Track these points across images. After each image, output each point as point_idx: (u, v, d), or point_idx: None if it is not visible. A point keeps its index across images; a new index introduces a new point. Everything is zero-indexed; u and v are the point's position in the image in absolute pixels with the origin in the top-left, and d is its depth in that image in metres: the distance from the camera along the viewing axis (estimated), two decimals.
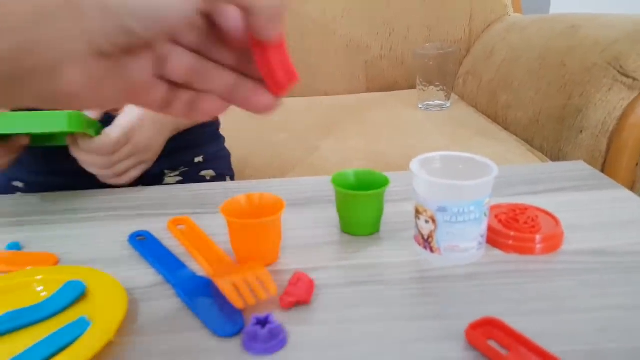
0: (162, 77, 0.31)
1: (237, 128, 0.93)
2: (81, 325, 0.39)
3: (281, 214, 0.46)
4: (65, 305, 0.43)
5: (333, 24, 1.53)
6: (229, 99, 0.33)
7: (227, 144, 0.93)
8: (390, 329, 0.39)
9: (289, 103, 1.49)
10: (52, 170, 0.74)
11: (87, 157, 0.60)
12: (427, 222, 0.45)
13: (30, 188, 0.76)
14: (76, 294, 0.43)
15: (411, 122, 1.25)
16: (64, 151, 0.63)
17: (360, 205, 0.50)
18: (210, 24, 0.31)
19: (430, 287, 0.43)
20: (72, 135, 0.59)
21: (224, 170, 0.89)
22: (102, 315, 0.40)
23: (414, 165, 0.45)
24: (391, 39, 1.52)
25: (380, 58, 1.54)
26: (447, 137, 1.09)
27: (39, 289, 0.45)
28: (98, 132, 0.59)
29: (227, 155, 0.92)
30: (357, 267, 0.47)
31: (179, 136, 0.71)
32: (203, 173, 0.85)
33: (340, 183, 0.51)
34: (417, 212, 0.46)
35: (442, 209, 0.43)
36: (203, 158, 0.84)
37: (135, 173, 0.65)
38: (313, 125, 1.28)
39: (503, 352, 0.35)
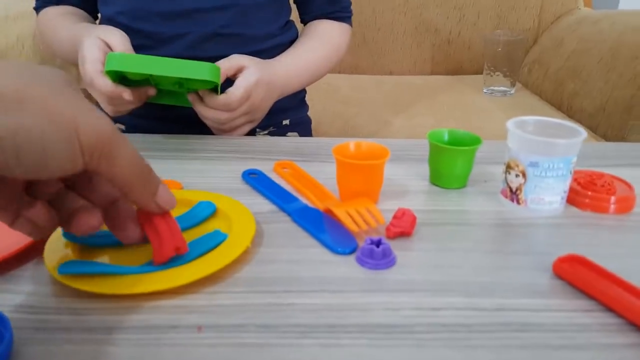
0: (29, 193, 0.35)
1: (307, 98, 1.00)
2: (217, 237, 0.47)
3: (386, 160, 0.53)
4: (199, 221, 0.50)
5: (404, 5, 1.57)
6: (59, 216, 0.37)
7: None
8: (484, 258, 0.45)
9: (356, 79, 1.55)
10: (156, 116, 0.83)
11: (210, 113, 0.68)
12: (517, 176, 0.51)
13: (131, 131, 0.84)
14: (209, 212, 0.51)
15: (477, 105, 1.29)
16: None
17: (453, 159, 0.56)
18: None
19: (516, 231, 0.49)
20: (195, 92, 0.68)
21: (305, 134, 0.97)
22: (235, 229, 0.48)
23: (511, 124, 0.51)
24: (460, 24, 1.56)
25: (448, 42, 1.58)
26: None
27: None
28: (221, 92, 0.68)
29: (309, 121, 0.99)
30: (448, 212, 0.53)
31: None
32: (289, 134, 0.92)
33: (434, 139, 0.58)
34: (508, 167, 0.52)
35: (534, 164, 0.49)
36: (289, 121, 0.92)
37: (246, 129, 0.73)
38: (381, 101, 1.34)
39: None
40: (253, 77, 0.68)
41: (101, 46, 0.66)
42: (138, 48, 0.72)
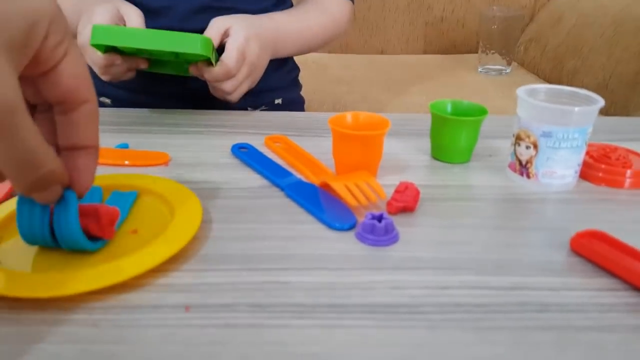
0: None
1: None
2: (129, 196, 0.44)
3: (387, 131, 0.49)
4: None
5: None
6: None
7: None
8: (493, 235, 0.42)
9: (346, 59, 1.51)
10: (142, 89, 0.78)
11: (216, 84, 0.64)
12: (527, 147, 0.47)
13: (117, 105, 0.80)
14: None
15: (472, 84, 1.26)
16: (157, 73, 0.68)
17: (458, 130, 0.52)
18: None
19: (526, 206, 0.46)
20: (194, 64, 0.63)
21: None
22: (179, 207, 0.42)
23: (521, 92, 0.47)
24: (454, 1, 1.52)
25: (441, 20, 1.54)
26: (513, 99, 1.09)
27: None
28: (216, 60, 0.63)
29: (302, 101, 0.95)
30: (453, 186, 0.50)
31: (264, 78, 0.74)
32: None
33: (437, 110, 0.54)
34: (518, 139, 0.48)
35: (547, 134, 0.45)
36: (282, 100, 0.88)
37: (245, 87, 0.68)
38: (373, 80, 1.30)
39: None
40: (241, 35, 0.64)
41: (116, 14, 0.62)
42: None
